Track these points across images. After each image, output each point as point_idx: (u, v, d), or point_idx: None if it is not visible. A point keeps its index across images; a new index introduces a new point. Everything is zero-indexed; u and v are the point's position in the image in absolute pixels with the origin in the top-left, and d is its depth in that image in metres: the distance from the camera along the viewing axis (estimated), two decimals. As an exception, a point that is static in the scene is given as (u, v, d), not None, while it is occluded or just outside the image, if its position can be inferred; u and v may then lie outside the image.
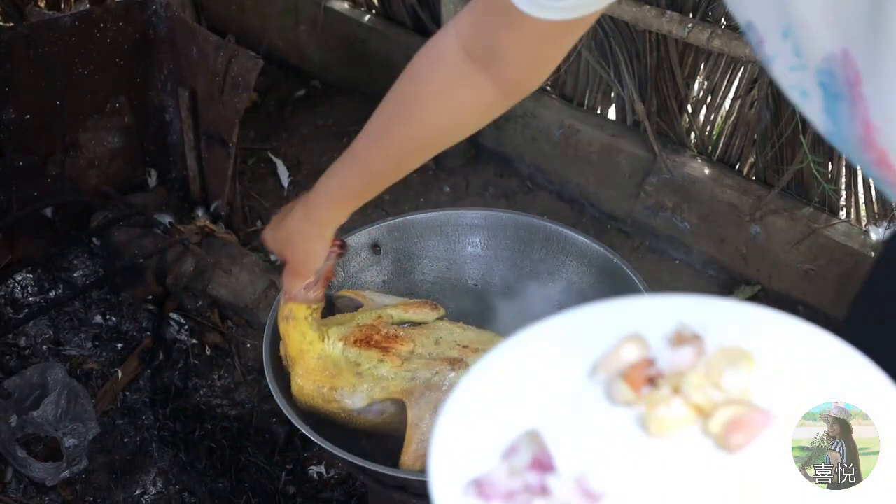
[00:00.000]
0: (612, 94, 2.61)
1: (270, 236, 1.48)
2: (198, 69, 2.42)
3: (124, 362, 2.26)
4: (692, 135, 2.50)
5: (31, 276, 2.44)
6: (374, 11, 3.04)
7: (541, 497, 0.77)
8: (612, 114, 2.66)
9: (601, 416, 0.84)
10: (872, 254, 2.20)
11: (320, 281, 1.53)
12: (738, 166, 2.45)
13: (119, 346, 2.31)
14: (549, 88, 2.71)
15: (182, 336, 2.35)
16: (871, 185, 2.19)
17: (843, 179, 2.25)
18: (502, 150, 2.79)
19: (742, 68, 2.32)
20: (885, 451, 0.76)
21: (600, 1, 1.03)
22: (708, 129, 2.48)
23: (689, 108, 2.46)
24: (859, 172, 2.22)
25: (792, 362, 0.85)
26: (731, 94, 2.39)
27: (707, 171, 2.45)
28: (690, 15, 2.24)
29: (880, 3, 0.72)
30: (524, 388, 0.89)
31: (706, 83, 2.41)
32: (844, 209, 2.30)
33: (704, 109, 2.46)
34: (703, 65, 2.38)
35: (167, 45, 2.48)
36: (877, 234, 2.24)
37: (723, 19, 2.23)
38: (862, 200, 2.26)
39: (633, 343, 0.88)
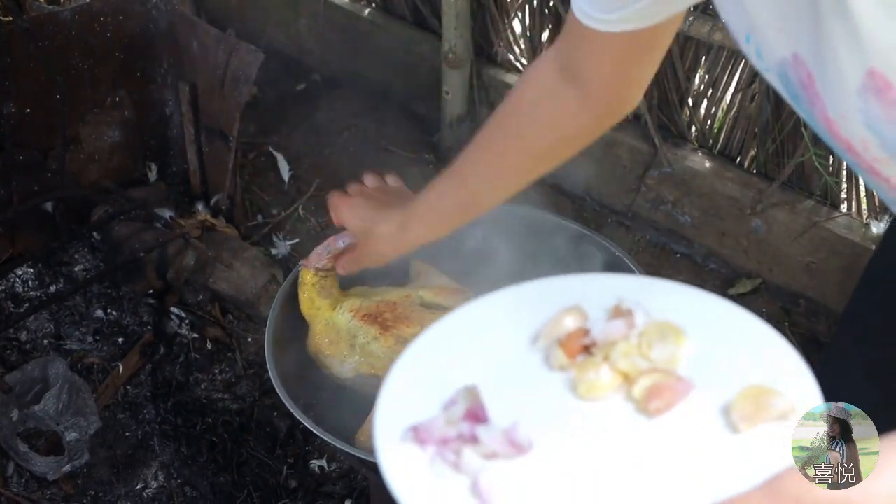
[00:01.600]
0: (613, 88, 2.61)
1: (351, 218, 1.45)
2: (198, 63, 2.42)
3: (125, 356, 2.26)
4: (693, 128, 2.50)
5: (31, 270, 2.44)
6: (374, 5, 3.03)
7: (471, 444, 0.84)
8: (612, 107, 2.65)
9: (537, 379, 0.93)
10: (873, 247, 2.20)
11: (332, 259, 1.59)
12: (739, 159, 2.45)
13: (120, 340, 2.32)
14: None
15: (183, 330, 2.35)
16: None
17: (845, 172, 2.25)
18: (503, 144, 2.78)
19: (743, 61, 2.31)
20: (791, 421, 0.82)
21: (656, 15, 1.04)
22: (709, 122, 2.48)
23: (690, 101, 2.45)
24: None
25: (720, 339, 0.93)
26: (732, 88, 2.38)
27: (708, 164, 2.45)
28: (691, 8, 2.24)
29: (819, 9, 0.74)
30: (472, 350, 0.97)
31: (707, 76, 2.41)
32: (846, 202, 2.30)
33: (705, 102, 2.45)
34: (703, 58, 2.38)
35: (167, 39, 2.48)
36: (878, 227, 2.24)
37: (724, 12, 2.22)
38: (863, 194, 2.26)
39: (572, 314, 0.96)
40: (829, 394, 0.84)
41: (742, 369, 0.89)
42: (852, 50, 0.73)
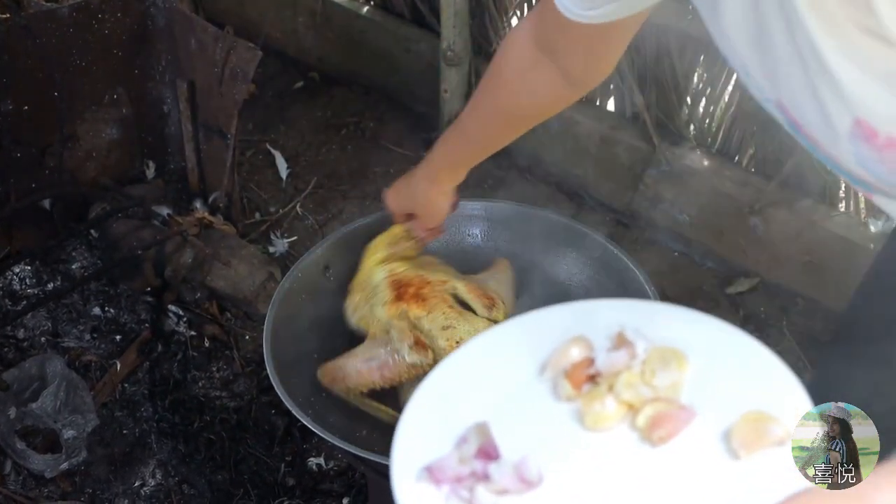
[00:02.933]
0: (612, 86, 2.61)
1: (395, 200, 1.65)
2: (196, 60, 2.41)
3: (123, 354, 2.26)
4: (691, 126, 2.50)
5: (29, 267, 2.44)
6: (372, 3, 3.03)
7: (484, 482, 0.87)
8: (611, 105, 2.65)
9: (545, 411, 0.95)
10: (871, 246, 2.20)
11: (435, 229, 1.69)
12: (737, 158, 2.45)
13: (118, 337, 2.31)
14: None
15: (181, 328, 2.35)
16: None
17: (843, 171, 2.25)
18: (501, 142, 2.78)
19: (742, 60, 2.31)
20: (788, 446, 0.84)
21: (633, 7, 1.10)
22: (707, 120, 2.48)
23: (689, 99, 2.46)
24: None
25: (720, 363, 0.95)
26: (730, 86, 2.39)
27: (706, 162, 2.45)
28: (689, 7, 2.24)
29: (806, 63, 0.76)
30: (481, 385, 0.99)
31: (706, 74, 2.41)
32: (844, 201, 2.30)
33: (704, 101, 2.45)
34: (702, 56, 2.38)
35: (165, 36, 2.47)
36: (876, 226, 2.24)
37: (723, 11, 2.22)
38: (861, 193, 2.26)
39: (578, 344, 0.98)
40: (830, 395, 0.84)
41: (741, 395, 0.91)
42: (838, 101, 0.76)
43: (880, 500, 0.69)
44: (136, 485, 2.06)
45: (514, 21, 2.65)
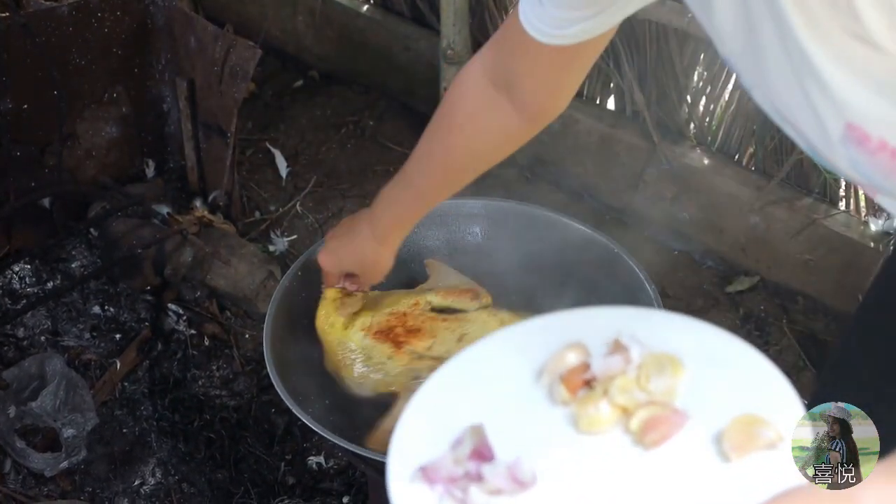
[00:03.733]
0: (612, 85, 2.61)
1: (333, 261, 1.57)
2: (196, 59, 2.41)
3: (123, 353, 2.26)
4: (692, 125, 2.50)
5: (28, 266, 2.44)
6: (372, 1, 3.02)
7: (477, 482, 0.87)
8: (611, 104, 2.65)
9: (540, 414, 0.96)
10: (872, 244, 2.20)
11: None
12: (737, 157, 2.45)
13: (117, 336, 2.31)
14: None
15: (180, 327, 2.35)
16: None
17: (843, 170, 2.25)
18: (501, 141, 2.78)
19: (742, 58, 2.31)
20: (779, 449, 0.85)
21: (602, 27, 1.09)
22: (707, 119, 2.48)
23: (689, 98, 2.45)
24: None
25: (714, 369, 0.96)
26: (730, 85, 2.38)
27: (706, 161, 2.45)
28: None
29: (797, 70, 0.76)
30: (480, 389, 1.00)
31: (706, 73, 2.41)
32: (844, 200, 2.30)
33: (704, 99, 2.45)
34: (702, 55, 2.38)
35: (165, 35, 2.47)
36: (876, 224, 2.24)
37: (723, 9, 2.22)
38: (861, 191, 2.26)
39: (575, 350, 0.98)
40: (835, 396, 0.84)
41: (734, 399, 0.92)
42: (829, 105, 0.75)
43: (866, 496, 0.69)
44: (135, 483, 2.06)
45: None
